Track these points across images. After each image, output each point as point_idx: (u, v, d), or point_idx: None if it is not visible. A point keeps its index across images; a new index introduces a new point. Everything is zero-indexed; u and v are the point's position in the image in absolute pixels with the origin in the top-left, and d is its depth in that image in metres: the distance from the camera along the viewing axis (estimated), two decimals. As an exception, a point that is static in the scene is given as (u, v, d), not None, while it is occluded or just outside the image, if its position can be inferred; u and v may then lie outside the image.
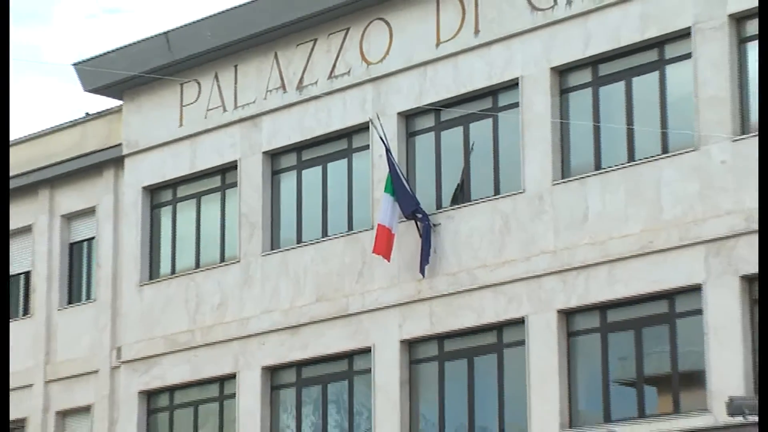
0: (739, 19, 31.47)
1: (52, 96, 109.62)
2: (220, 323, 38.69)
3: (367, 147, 36.78)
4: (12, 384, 42.87)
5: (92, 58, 41.90)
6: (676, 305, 31.88)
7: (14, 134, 45.33)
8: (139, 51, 40.75)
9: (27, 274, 44.03)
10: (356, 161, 37.36)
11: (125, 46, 41.40)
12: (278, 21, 37.97)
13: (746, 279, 30.55)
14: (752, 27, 31.35)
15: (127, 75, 40.67)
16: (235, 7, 38.89)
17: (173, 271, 40.48)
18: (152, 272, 40.82)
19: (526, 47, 34.46)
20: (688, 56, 32.13)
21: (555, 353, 33.10)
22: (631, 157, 32.93)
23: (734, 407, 25.80)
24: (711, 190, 31.33)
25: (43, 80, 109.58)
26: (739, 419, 25.41)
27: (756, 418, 25.40)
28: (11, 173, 43.66)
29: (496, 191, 34.81)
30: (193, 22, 39.91)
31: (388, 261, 35.13)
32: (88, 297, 42.55)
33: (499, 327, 34.26)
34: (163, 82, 40.32)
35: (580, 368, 33.20)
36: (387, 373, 35.57)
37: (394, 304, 35.55)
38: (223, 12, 39.14)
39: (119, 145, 41.64)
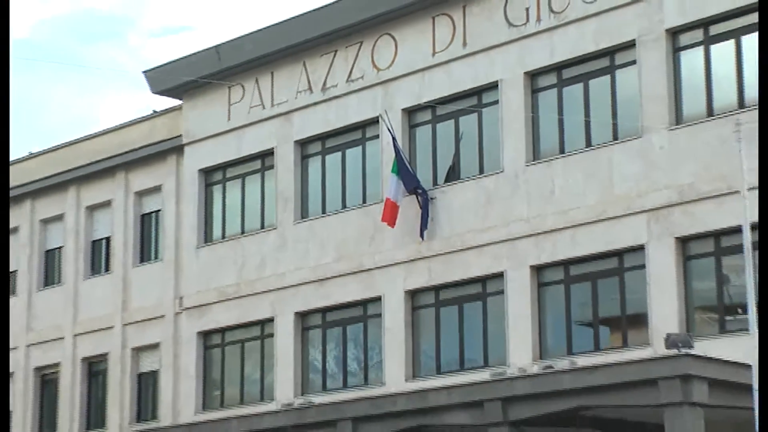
0: (673, 33, 31.62)
1: (126, 97, 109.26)
2: (260, 278, 38.74)
3: (377, 136, 36.79)
4: (96, 327, 43.31)
5: (158, 67, 41.88)
6: (624, 261, 32.03)
7: (95, 128, 45.54)
8: (195, 61, 40.69)
9: (108, 239, 43.91)
10: (369, 148, 37.34)
11: (184, 57, 41.35)
12: (306, 36, 37.96)
13: (680, 240, 30.82)
14: (685, 39, 31.56)
15: (186, 80, 40.66)
16: (272, 25, 38.88)
17: (223, 236, 40.46)
18: (206, 237, 40.80)
19: (504, 56, 34.46)
20: (633, 63, 32.25)
21: (528, 300, 33.21)
22: (588, 143, 33.01)
23: (670, 342, 25.76)
24: (652, 170, 31.40)
25: (119, 85, 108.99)
26: (674, 351, 25.35)
27: (688, 351, 25.53)
28: (95, 159, 44.02)
29: (481, 171, 34.85)
30: (238, 38, 39.85)
31: (393, 227, 35.18)
32: (156, 257, 42.50)
33: (483, 280, 34.33)
34: (215, 86, 40.20)
35: (548, 312, 33.29)
36: (394, 317, 35.67)
37: (399, 261, 35.61)
38: (261, 29, 39.12)
39: (180, 136, 41.57)
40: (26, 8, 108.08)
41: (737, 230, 26.17)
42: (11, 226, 46.49)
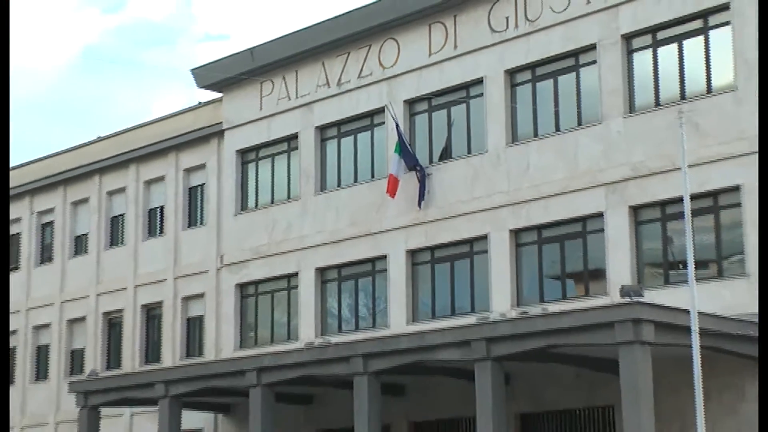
0: (627, 38, 31.64)
1: (176, 91, 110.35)
2: (287, 239, 38.74)
3: (383, 123, 36.76)
4: (152, 279, 43.35)
5: (202, 66, 41.80)
6: (586, 226, 32.04)
7: (149, 117, 45.62)
8: (233, 61, 40.63)
9: (161, 207, 43.87)
10: (376, 133, 37.30)
11: (224, 58, 41.24)
12: (324, 40, 37.93)
13: (632, 208, 30.93)
14: (636, 42, 31.61)
15: (225, 77, 40.60)
16: (296, 32, 38.76)
17: (256, 206, 40.41)
18: (242, 206, 40.72)
19: (487, 56, 34.44)
20: (594, 62, 32.26)
21: (507, 258, 33.28)
22: (557, 128, 33.01)
23: (624, 292, 25.76)
24: (609, 151, 31.43)
25: (170, 82, 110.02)
26: (627, 299, 25.35)
27: (638, 299, 25.60)
28: (151, 142, 44.04)
29: (468, 151, 34.83)
30: (268, 42, 39.73)
31: (394, 198, 35.28)
32: (201, 222, 42.43)
33: (470, 241, 34.35)
34: (249, 81, 40.09)
35: (524, 268, 33.30)
36: (397, 272, 35.72)
37: (401, 226, 35.62)
38: (287, 35, 39.02)
39: (221, 122, 41.47)
40: (95, 20, 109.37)
41: (679, 200, 26.16)
42: (82, 197, 46.70)
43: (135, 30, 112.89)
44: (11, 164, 50.34)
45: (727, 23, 29.88)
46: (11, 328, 48.35)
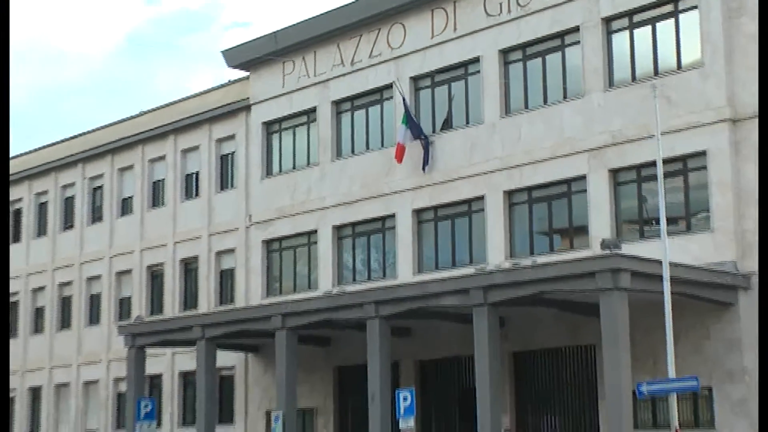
0: (607, 21, 31.51)
1: (208, 71, 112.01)
2: (307, 200, 38.64)
3: (391, 98, 36.55)
4: (189, 236, 43.36)
5: (232, 48, 41.64)
6: (571, 187, 31.99)
7: (185, 94, 45.47)
8: (258, 43, 40.42)
9: (197, 173, 43.75)
10: (385, 106, 37.09)
11: (250, 41, 41.02)
12: (339, 24, 37.69)
13: (611, 171, 30.92)
14: (615, 25, 31.52)
15: (252, 57, 40.52)
16: (314, 17, 38.54)
17: (280, 171, 40.26)
18: (268, 171, 40.56)
19: (483, 38, 34.24)
20: (577, 42, 32.11)
21: (501, 216, 33.21)
22: (545, 101, 32.90)
23: (604, 245, 25.82)
24: (591, 121, 31.36)
25: (203, 63, 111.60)
26: (606, 251, 25.40)
27: (617, 251, 25.59)
28: (187, 115, 43.94)
29: (467, 122, 34.71)
30: (289, 26, 39.43)
31: (400, 163, 35.23)
32: (232, 186, 42.27)
33: (469, 201, 34.26)
34: (273, 61, 39.93)
35: (516, 224, 33.25)
36: (404, 229, 35.65)
37: (408, 188, 35.50)
38: (306, 20, 38.78)
39: (248, 98, 41.30)
40: (138, 10, 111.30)
41: (653, 164, 26.26)
42: (128, 164, 46.71)
43: (172, 18, 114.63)
44: (65, 136, 50.94)
45: (694, 7, 29.78)
46: (67, 280, 48.62)
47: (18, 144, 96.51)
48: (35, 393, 49.75)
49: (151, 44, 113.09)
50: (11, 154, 53.66)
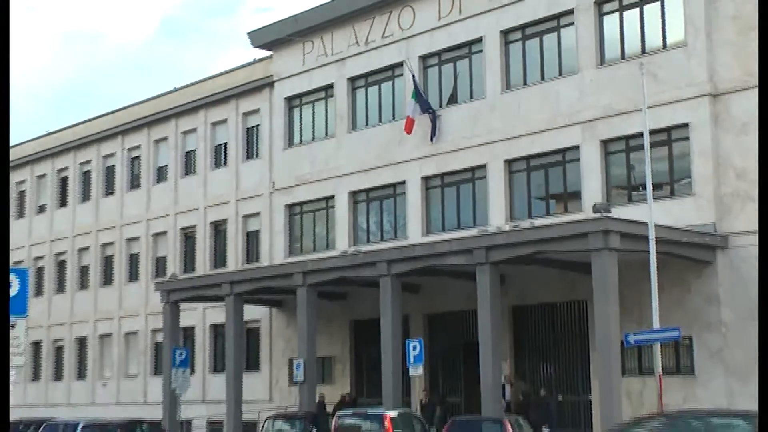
0: (599, 4, 31.37)
1: (235, 51, 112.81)
2: (325, 169, 38.60)
3: (401, 74, 36.38)
4: (219, 201, 43.36)
5: (257, 30, 41.50)
6: (566, 156, 31.91)
7: (215, 71, 45.47)
8: (280, 25, 40.21)
9: (225, 144, 43.68)
10: (396, 82, 36.92)
11: (273, 23, 40.87)
12: (354, 8, 37.47)
13: (602, 141, 30.83)
14: (606, 7, 31.41)
15: (275, 38, 40.38)
16: (332, 0, 38.40)
17: (300, 142, 40.16)
18: (290, 142, 40.54)
19: (486, 20, 34.05)
20: (572, 24, 31.96)
21: (502, 182, 33.19)
22: (542, 77, 32.78)
23: (596, 208, 25.84)
24: (584, 95, 31.30)
25: (231, 44, 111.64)
26: (598, 215, 25.43)
27: (607, 214, 25.60)
28: (216, 91, 43.86)
29: (471, 97, 34.60)
30: (309, 9, 39.31)
31: (410, 135, 35.17)
32: (257, 156, 42.25)
33: (472, 169, 34.18)
34: (294, 41, 39.82)
35: (515, 190, 33.21)
36: (413, 195, 35.64)
37: (417, 157, 35.45)
38: (324, 4, 38.54)
39: (271, 75, 41.17)
40: None
41: (640, 135, 26.21)
42: (162, 136, 46.74)
43: (202, 4, 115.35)
44: (106, 111, 50.94)
45: (679, -9, 29.74)
46: (109, 241, 48.82)
47: (64, 118, 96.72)
48: (82, 342, 50.05)
49: (183, 27, 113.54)
50: (60, 127, 53.98)
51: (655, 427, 17.72)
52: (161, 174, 46.99)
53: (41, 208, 53.70)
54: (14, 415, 39.52)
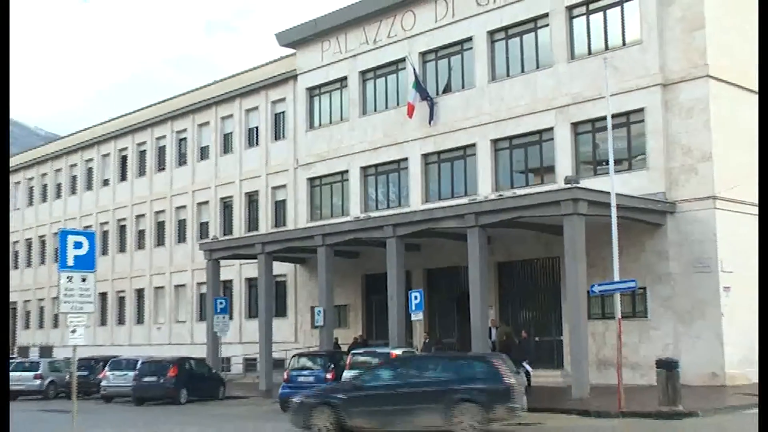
0: (569, 8, 31.19)
1: (264, 49, 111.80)
2: (340, 147, 38.52)
3: (404, 68, 36.22)
4: (251, 175, 43.33)
5: (283, 31, 41.34)
6: (542, 136, 31.82)
7: (245, 67, 45.38)
8: (302, 27, 40.01)
9: (257, 127, 43.65)
10: (400, 74, 36.74)
11: (297, 25, 40.66)
12: (365, 12, 37.29)
13: (573, 124, 30.73)
14: (575, 11, 31.22)
15: (298, 38, 40.25)
16: (345, 7, 38.14)
17: (320, 125, 40.04)
18: (311, 125, 40.40)
19: (475, 22, 33.88)
20: (547, 25, 31.80)
21: (489, 158, 33.16)
22: (522, 70, 32.64)
23: (567, 180, 25.86)
24: (558, 85, 31.21)
25: (262, 42, 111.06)
26: (568, 186, 25.44)
27: (576, 185, 25.58)
28: (249, 83, 43.73)
29: (463, 86, 34.44)
30: (327, 14, 39.24)
31: (411, 118, 35.07)
32: (283, 137, 42.18)
33: (464, 147, 34.11)
34: (314, 40, 39.68)
35: (500, 165, 33.17)
36: (414, 169, 35.60)
37: (418, 138, 35.40)
38: (339, 9, 38.42)
39: (295, 69, 41.03)
40: (214, 2, 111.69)
41: (604, 118, 26.11)
42: (205, 121, 46.70)
43: (239, 7, 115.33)
44: (159, 100, 50.88)
45: (635, -2, 29.66)
46: (161, 209, 48.94)
47: (123, 106, 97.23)
48: (140, 293, 50.31)
49: (222, 29, 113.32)
50: (120, 114, 53.97)
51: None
52: (204, 153, 47.01)
53: (105, 182, 53.81)
54: (86, 353, 39.77)
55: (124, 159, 52.55)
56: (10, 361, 30.08)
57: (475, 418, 16.76)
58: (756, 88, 29.21)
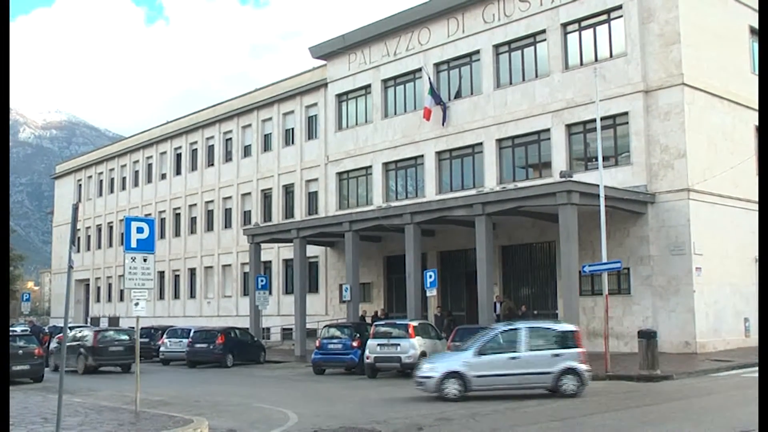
0: (564, 25, 31.10)
1: (298, 62, 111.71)
2: (365, 146, 38.66)
3: (421, 77, 36.36)
4: (289, 170, 43.46)
5: (315, 45, 41.47)
6: (540, 136, 31.76)
7: (277, 78, 45.53)
8: (332, 42, 40.23)
9: (292, 129, 43.72)
10: (417, 83, 36.83)
11: (328, 40, 40.86)
12: (386, 29, 37.40)
13: (567, 125, 30.75)
14: (569, 28, 31.03)
15: (328, 51, 40.41)
16: (369, 24, 38.33)
17: (347, 126, 40.11)
18: (339, 127, 40.52)
19: (482, 37, 33.92)
20: (544, 40, 31.76)
21: (494, 156, 33.12)
22: (523, 78, 32.59)
23: (562, 174, 25.88)
24: (554, 91, 31.16)
25: (297, 54, 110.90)
26: (563, 179, 25.48)
27: (570, 179, 25.70)
28: (285, 90, 43.76)
29: (471, 93, 34.46)
30: (353, 30, 39.39)
31: (428, 121, 35.13)
32: (316, 137, 42.27)
33: (473, 146, 34.14)
34: (342, 53, 39.82)
35: (504, 161, 33.15)
36: (430, 164, 35.64)
37: (432, 137, 35.50)
38: (364, 26, 38.59)
39: (325, 78, 41.15)
40: (255, 19, 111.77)
41: (594, 121, 26.25)
42: (247, 123, 46.93)
43: (276, 30, 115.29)
44: (208, 105, 50.89)
45: (620, 17, 29.51)
46: (210, 199, 49.29)
47: (181, 111, 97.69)
48: (192, 272, 50.77)
49: (262, 46, 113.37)
50: (176, 117, 54.28)
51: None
52: (247, 151, 47.29)
53: (163, 176, 54.22)
54: (147, 323, 40.25)
55: (178, 156, 52.97)
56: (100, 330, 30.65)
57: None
58: (725, 95, 29.42)
